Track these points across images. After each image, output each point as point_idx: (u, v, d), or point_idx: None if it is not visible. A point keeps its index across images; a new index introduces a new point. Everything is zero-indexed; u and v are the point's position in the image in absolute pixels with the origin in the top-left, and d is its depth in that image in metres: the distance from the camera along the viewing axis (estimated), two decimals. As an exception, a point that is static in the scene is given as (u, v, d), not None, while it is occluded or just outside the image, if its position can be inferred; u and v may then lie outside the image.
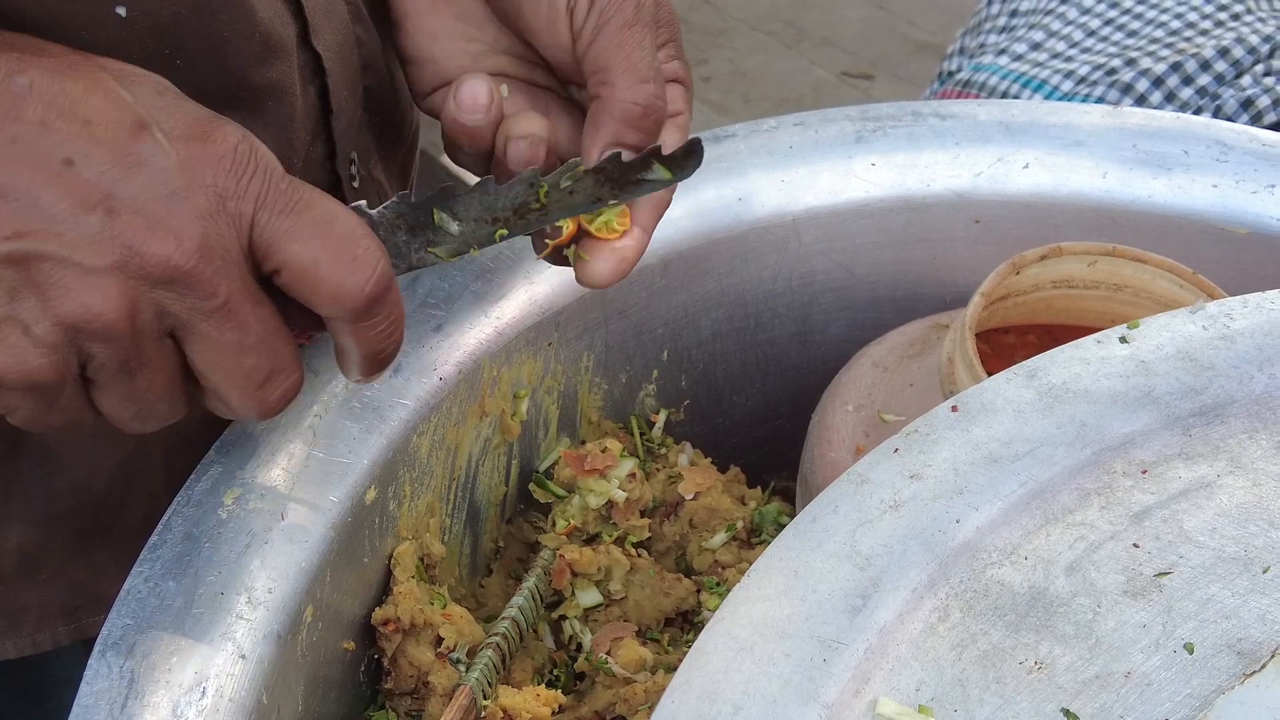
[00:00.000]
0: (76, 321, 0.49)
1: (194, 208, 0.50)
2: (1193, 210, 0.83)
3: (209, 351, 0.52)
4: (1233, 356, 0.64)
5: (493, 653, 0.67)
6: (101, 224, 0.49)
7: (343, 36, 0.71)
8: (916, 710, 0.51)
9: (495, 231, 0.59)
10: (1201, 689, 0.52)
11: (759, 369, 0.90)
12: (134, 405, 0.53)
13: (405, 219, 0.58)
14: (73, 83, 0.50)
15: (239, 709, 0.54)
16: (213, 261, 0.51)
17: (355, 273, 0.53)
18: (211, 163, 0.51)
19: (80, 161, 0.49)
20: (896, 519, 0.57)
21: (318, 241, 0.53)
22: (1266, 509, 0.59)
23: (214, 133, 0.52)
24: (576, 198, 0.60)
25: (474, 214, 0.59)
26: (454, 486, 0.74)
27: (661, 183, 0.61)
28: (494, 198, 0.59)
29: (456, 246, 0.59)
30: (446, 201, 0.59)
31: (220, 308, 0.51)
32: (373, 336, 0.55)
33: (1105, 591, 0.56)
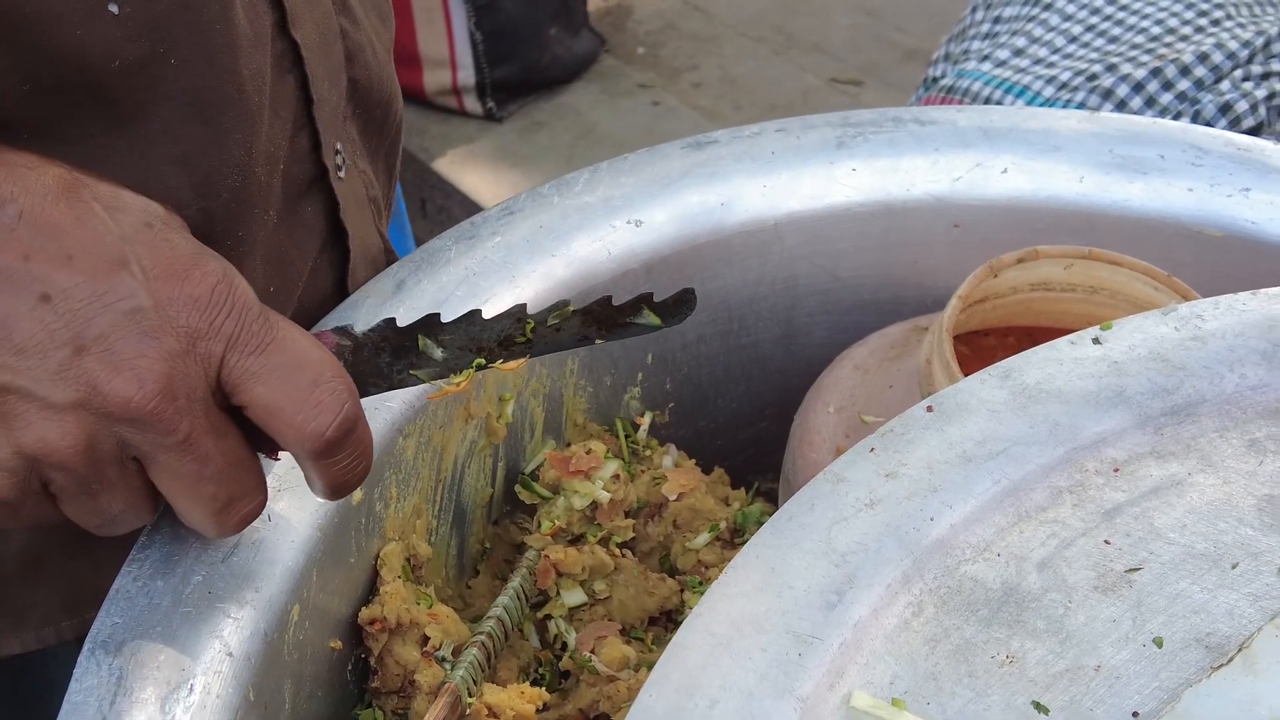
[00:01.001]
0: (34, 452, 0.51)
1: (163, 349, 0.52)
2: (1169, 214, 0.84)
3: (169, 480, 0.54)
4: (1204, 357, 0.65)
5: (478, 651, 0.68)
6: (68, 361, 0.51)
7: (324, 27, 0.72)
8: (890, 703, 0.52)
9: (475, 360, 0.61)
10: (1170, 682, 0.53)
11: (743, 372, 0.91)
12: (98, 518, 0.55)
13: (390, 342, 0.60)
14: (62, 212, 0.51)
15: (226, 706, 0.55)
16: (175, 400, 0.52)
17: (318, 417, 0.54)
18: (187, 303, 0.53)
19: (56, 298, 0.51)
20: (872, 517, 0.58)
21: (284, 384, 0.54)
22: (1236, 506, 0.60)
23: (193, 271, 0.53)
24: (563, 335, 0.61)
25: (458, 343, 0.60)
26: (440, 488, 0.75)
27: (650, 328, 0.62)
28: (480, 330, 0.60)
29: (438, 371, 0.60)
30: (432, 329, 0.60)
31: (181, 443, 0.53)
32: (335, 471, 0.57)
33: (1076, 587, 0.57)
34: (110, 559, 0.72)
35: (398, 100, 0.86)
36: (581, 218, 0.80)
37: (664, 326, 0.62)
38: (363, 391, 0.59)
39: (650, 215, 0.81)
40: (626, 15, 2.84)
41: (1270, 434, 0.64)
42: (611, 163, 0.83)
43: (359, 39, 0.77)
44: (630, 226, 0.81)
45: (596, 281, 0.79)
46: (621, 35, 2.77)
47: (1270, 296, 0.69)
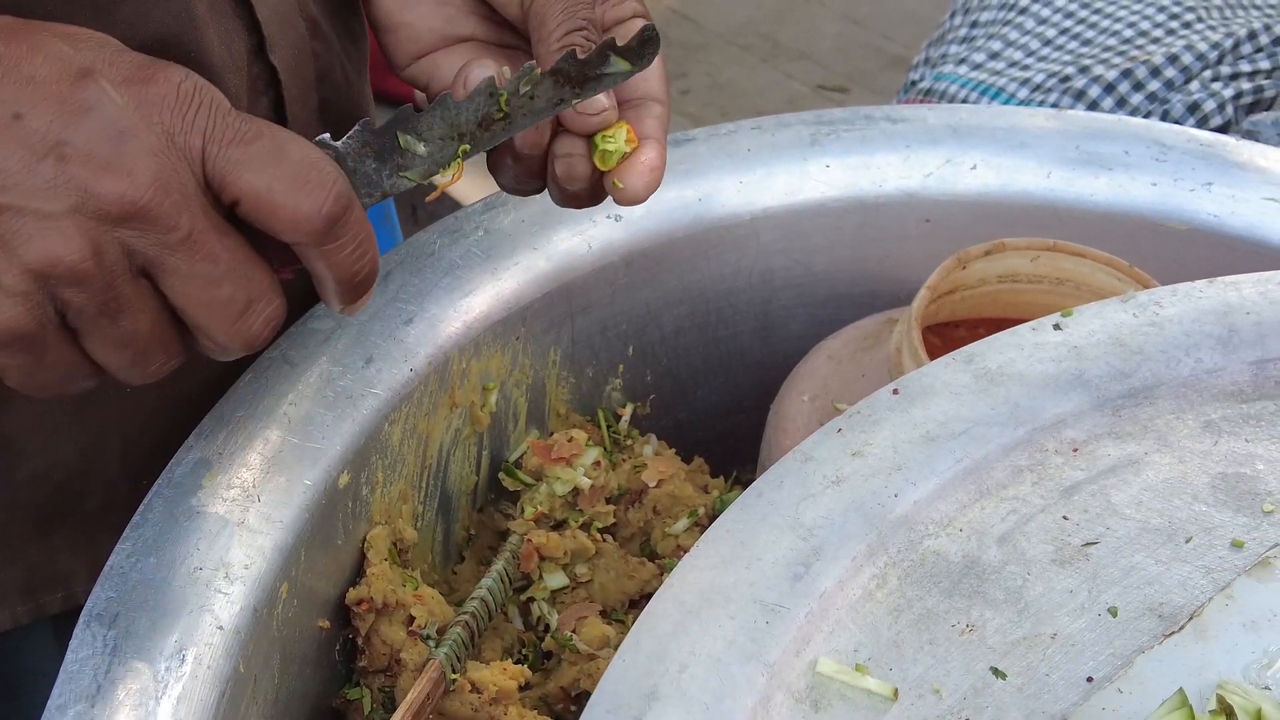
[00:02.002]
0: (43, 267, 0.51)
1: (144, 145, 0.52)
2: (1133, 208, 0.86)
3: (182, 285, 0.53)
4: (1161, 342, 0.68)
5: (461, 630, 0.70)
6: (54, 170, 0.50)
7: (299, 50, 0.74)
8: (854, 669, 0.54)
9: (460, 147, 0.59)
10: (1123, 648, 0.56)
11: (721, 364, 0.93)
12: (127, 351, 0.54)
13: (371, 147, 0.59)
14: (16, 45, 0.52)
15: (216, 676, 0.57)
16: (170, 195, 0.52)
17: (311, 195, 0.54)
18: (156, 101, 0.53)
19: (28, 114, 0.51)
20: (838, 493, 0.60)
21: (270, 168, 0.54)
22: (1190, 484, 0.63)
23: (157, 74, 0.53)
24: (538, 102, 0.60)
25: (438, 132, 0.59)
26: (426, 474, 0.77)
27: (621, 75, 0.61)
28: (455, 113, 0.59)
29: (427, 167, 0.59)
30: (409, 124, 0.59)
31: (185, 240, 0.52)
32: (342, 259, 0.56)
33: (1035, 560, 0.59)
34: (66, 545, 0.73)
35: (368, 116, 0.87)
36: (562, 213, 0.82)
37: (634, 70, 0.61)
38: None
39: (628, 210, 0.83)
40: (615, 23, 2.86)
41: (1225, 415, 0.66)
42: (592, 160, 0.85)
43: (329, 60, 0.78)
44: (610, 221, 0.83)
45: (577, 274, 0.81)
46: (610, 43, 2.79)
47: (1226, 284, 0.71)
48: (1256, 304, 0.70)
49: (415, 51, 0.69)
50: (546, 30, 0.62)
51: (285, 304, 0.56)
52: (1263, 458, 0.64)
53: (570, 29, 0.61)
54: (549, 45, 0.61)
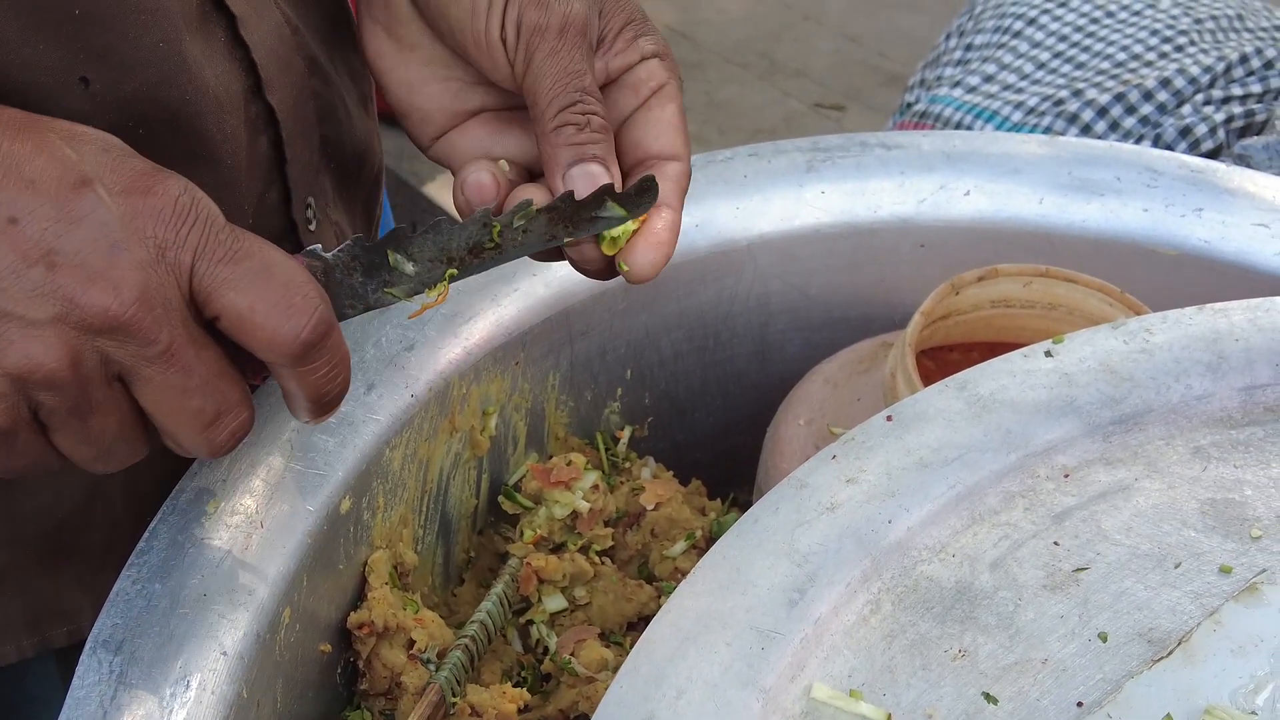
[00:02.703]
0: (20, 372, 0.52)
1: (133, 258, 0.53)
2: (1124, 233, 0.88)
3: (154, 394, 0.54)
4: (1151, 368, 0.69)
5: (461, 653, 0.71)
6: (42, 278, 0.51)
7: (298, 89, 0.74)
8: (848, 694, 0.55)
9: (447, 271, 0.61)
10: (1113, 673, 0.57)
11: (719, 387, 0.94)
12: (92, 447, 0.55)
13: (360, 261, 0.60)
14: (20, 144, 0.53)
15: (221, 701, 0.58)
16: (152, 310, 0.53)
17: (291, 319, 0.55)
18: (152, 215, 0.54)
19: (24, 219, 0.51)
20: (833, 519, 0.61)
21: (254, 289, 0.55)
22: (1180, 510, 0.64)
23: (155, 186, 0.54)
24: (530, 236, 0.61)
25: (428, 255, 0.60)
26: (426, 498, 0.78)
27: (616, 220, 0.62)
28: (447, 238, 0.60)
29: (413, 286, 0.61)
30: (401, 243, 0.60)
31: (162, 353, 0.53)
32: (314, 381, 0.57)
33: (1026, 585, 0.60)
34: (73, 581, 0.74)
35: (373, 150, 0.88)
36: (561, 239, 0.83)
37: (630, 218, 0.61)
38: (340, 315, 0.60)
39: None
40: (613, 41, 2.88)
41: (1214, 441, 0.67)
42: (590, 186, 0.87)
43: (330, 98, 0.79)
44: (608, 247, 0.84)
45: (575, 300, 0.83)
46: (608, 61, 2.81)
47: (1215, 311, 0.72)
48: (1245, 331, 0.71)
49: (432, 133, 0.69)
50: (540, 109, 0.62)
51: (253, 415, 0.58)
52: (1251, 484, 0.65)
53: (563, 105, 0.61)
54: (545, 125, 0.61)
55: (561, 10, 0.62)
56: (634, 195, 0.61)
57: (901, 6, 2.93)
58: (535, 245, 0.62)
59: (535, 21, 0.62)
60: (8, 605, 0.74)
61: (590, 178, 0.61)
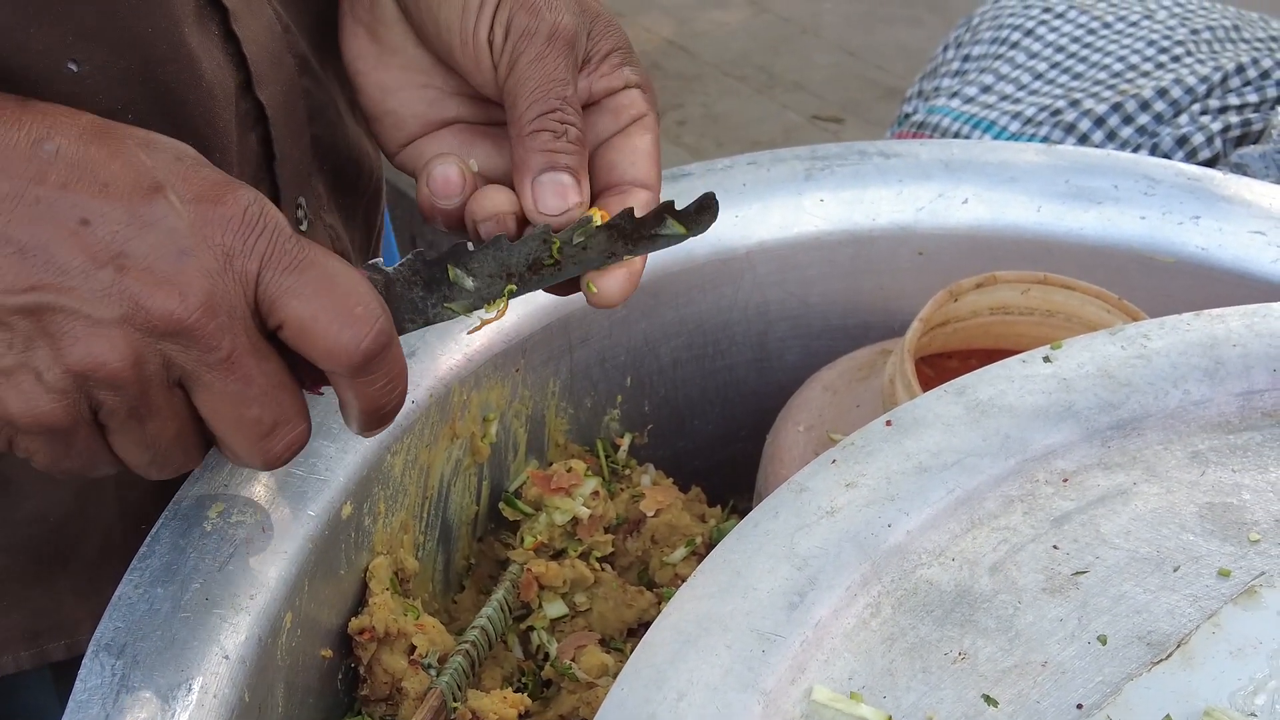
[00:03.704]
0: (84, 369, 0.53)
1: (201, 265, 0.53)
2: (1122, 241, 0.88)
3: (214, 401, 0.55)
4: (1149, 374, 0.69)
5: (462, 659, 0.71)
6: (111, 280, 0.52)
7: (288, 87, 0.75)
8: (849, 697, 0.55)
9: (507, 287, 0.61)
10: (1113, 676, 0.57)
11: (719, 394, 0.94)
12: (148, 451, 0.56)
13: (421, 275, 0.60)
14: (97, 149, 0.54)
15: (223, 704, 0.58)
16: (216, 316, 0.53)
17: (353, 329, 0.55)
18: (221, 223, 0.54)
19: (95, 222, 0.53)
20: (832, 523, 0.61)
21: (318, 299, 0.55)
22: (1178, 514, 0.64)
23: (226, 195, 0.55)
24: (590, 253, 0.61)
25: (488, 270, 0.60)
26: (427, 505, 0.78)
27: (677, 238, 0.62)
28: (508, 254, 0.60)
29: (472, 302, 0.61)
30: (461, 258, 0.60)
31: (224, 360, 0.54)
32: (371, 393, 0.57)
33: (1026, 589, 0.60)
34: (70, 592, 0.74)
35: (369, 157, 0.87)
36: (561, 247, 0.83)
37: (689, 235, 0.61)
38: (400, 329, 0.60)
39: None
40: (612, 54, 2.89)
41: (1212, 446, 0.68)
42: (590, 194, 0.87)
43: (321, 98, 0.78)
44: (608, 255, 0.84)
45: (575, 307, 0.83)
46: (607, 74, 2.82)
47: (1212, 317, 0.72)
48: (1243, 336, 0.71)
49: (402, 139, 0.69)
50: (518, 112, 0.61)
51: (310, 429, 0.58)
52: (1249, 488, 0.65)
53: (542, 110, 0.61)
54: (521, 129, 0.61)
55: (551, 19, 0.62)
56: (694, 213, 0.62)
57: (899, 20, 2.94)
58: (594, 261, 0.62)
59: (525, 26, 0.62)
60: (6, 616, 0.74)
61: (559, 187, 0.61)
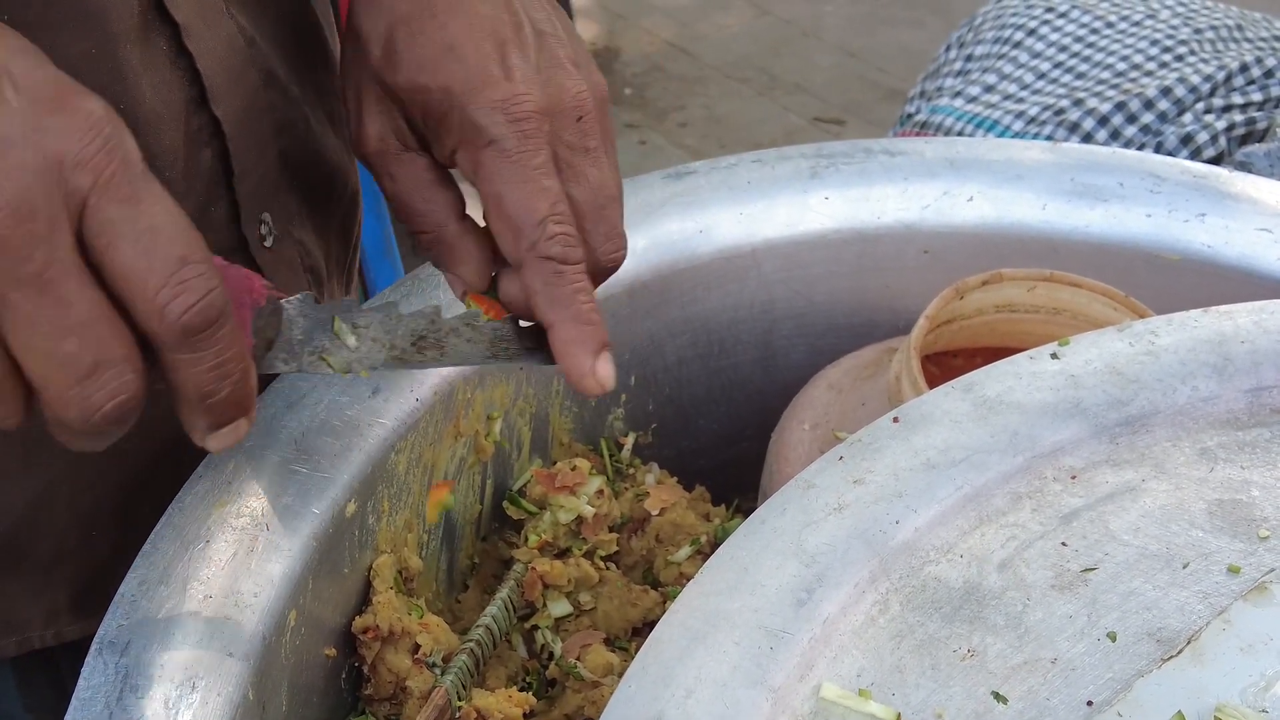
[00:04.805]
0: None
1: (22, 160, 0.45)
2: (1128, 238, 0.88)
3: (23, 328, 0.46)
4: (1157, 370, 0.69)
5: (467, 657, 0.71)
6: None
7: (250, 102, 0.72)
8: (857, 694, 0.55)
9: (388, 356, 0.59)
10: (1122, 673, 0.56)
11: (723, 393, 0.94)
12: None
13: (306, 318, 0.57)
14: None
15: (227, 703, 0.57)
16: (31, 222, 0.45)
17: (180, 296, 0.48)
18: (60, 127, 0.47)
19: None
20: (840, 520, 0.61)
21: (149, 250, 0.47)
22: (1188, 510, 0.64)
23: (71, 100, 0.47)
24: (471, 348, 0.60)
25: (373, 333, 0.58)
26: (431, 504, 0.77)
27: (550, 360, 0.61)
28: (395, 323, 0.59)
29: (348, 362, 0.58)
30: (349, 314, 0.58)
31: (34, 276, 0.45)
32: (195, 374, 0.49)
33: (1035, 586, 0.60)
34: (22, 593, 0.72)
35: (345, 170, 0.85)
36: (566, 245, 0.83)
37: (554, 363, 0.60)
38: (269, 365, 0.56)
39: (631, 242, 0.84)
40: (614, 57, 2.89)
41: (1220, 442, 0.67)
42: (594, 192, 0.87)
43: (289, 113, 0.76)
44: (612, 253, 0.84)
45: (580, 305, 0.82)
46: (609, 76, 2.83)
47: (1221, 314, 0.72)
48: (1251, 333, 0.71)
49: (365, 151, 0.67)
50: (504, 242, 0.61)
51: (143, 388, 0.49)
52: (1258, 484, 0.65)
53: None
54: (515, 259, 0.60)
55: None
56: None
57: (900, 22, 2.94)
58: (476, 358, 0.60)
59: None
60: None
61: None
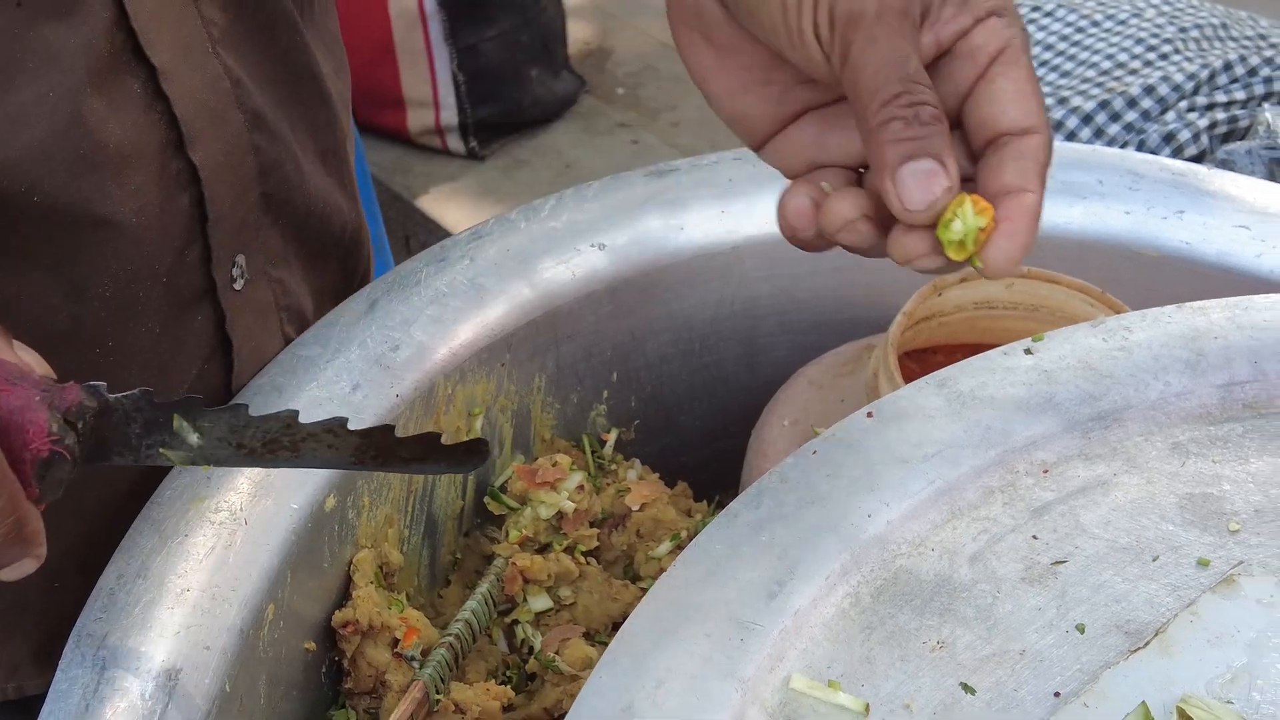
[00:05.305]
0: None
1: None
2: (1108, 235, 0.88)
3: None
4: (1130, 365, 0.69)
5: (446, 651, 0.71)
6: None
7: (233, 145, 0.71)
8: (827, 685, 0.55)
9: (233, 454, 0.57)
10: (1090, 664, 0.57)
11: (706, 390, 0.94)
12: None
13: (144, 413, 0.56)
14: None
15: (203, 694, 0.58)
16: None
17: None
18: None
19: None
20: (813, 513, 0.61)
21: None
22: (1158, 504, 0.64)
23: None
24: (334, 453, 0.58)
25: (218, 433, 0.56)
26: (412, 499, 0.78)
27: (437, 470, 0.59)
28: (244, 424, 0.57)
29: (193, 456, 0.57)
30: (191, 412, 0.56)
31: None
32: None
33: (1005, 579, 0.60)
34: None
35: (338, 208, 0.83)
36: (548, 242, 0.84)
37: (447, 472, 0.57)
38: (106, 459, 0.56)
39: (613, 239, 0.85)
40: (606, 57, 2.90)
41: (1193, 437, 0.68)
42: (576, 189, 0.87)
43: (276, 154, 0.75)
44: (594, 250, 0.85)
45: (561, 302, 0.83)
46: (601, 76, 2.83)
47: (1194, 310, 0.73)
48: (1224, 328, 0.71)
49: (759, 139, 0.63)
50: (861, 105, 0.54)
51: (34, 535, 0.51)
52: (1229, 478, 0.65)
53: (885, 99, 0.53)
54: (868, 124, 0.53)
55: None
56: (461, 453, 0.58)
57: (894, 21, 2.94)
58: (340, 463, 0.58)
59: (849, 10, 0.54)
60: None
61: (923, 177, 0.53)
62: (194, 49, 0.69)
